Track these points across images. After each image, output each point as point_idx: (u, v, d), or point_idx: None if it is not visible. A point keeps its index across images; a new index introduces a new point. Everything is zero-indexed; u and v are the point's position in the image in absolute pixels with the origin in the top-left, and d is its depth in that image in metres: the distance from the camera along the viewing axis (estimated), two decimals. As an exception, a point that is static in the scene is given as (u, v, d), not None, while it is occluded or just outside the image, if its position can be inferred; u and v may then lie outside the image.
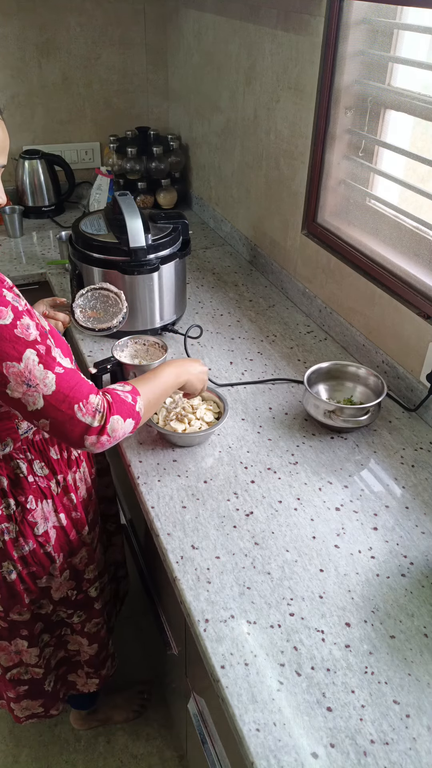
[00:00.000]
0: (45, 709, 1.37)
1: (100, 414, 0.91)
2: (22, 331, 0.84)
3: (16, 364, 0.84)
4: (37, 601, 1.17)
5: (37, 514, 1.07)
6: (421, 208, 1.29)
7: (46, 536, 1.09)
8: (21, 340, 0.84)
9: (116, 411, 0.93)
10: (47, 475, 1.07)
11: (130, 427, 0.96)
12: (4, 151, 0.91)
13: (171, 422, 1.18)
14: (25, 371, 0.84)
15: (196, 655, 0.94)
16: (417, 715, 0.77)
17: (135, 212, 1.43)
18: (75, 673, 1.38)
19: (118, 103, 2.38)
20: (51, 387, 0.87)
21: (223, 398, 1.23)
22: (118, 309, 1.31)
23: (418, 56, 1.23)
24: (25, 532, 1.06)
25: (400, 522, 1.04)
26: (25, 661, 1.23)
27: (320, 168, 1.52)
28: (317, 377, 1.31)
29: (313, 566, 0.96)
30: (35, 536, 1.08)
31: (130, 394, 0.97)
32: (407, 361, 1.32)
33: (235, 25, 1.75)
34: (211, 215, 2.22)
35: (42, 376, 0.86)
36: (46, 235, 2.17)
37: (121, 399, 0.95)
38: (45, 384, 0.86)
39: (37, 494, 1.06)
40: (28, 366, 0.84)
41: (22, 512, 1.05)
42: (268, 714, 0.77)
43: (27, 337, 0.85)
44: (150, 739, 1.65)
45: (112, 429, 0.92)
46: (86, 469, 1.17)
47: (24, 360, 0.84)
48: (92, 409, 0.90)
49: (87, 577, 1.21)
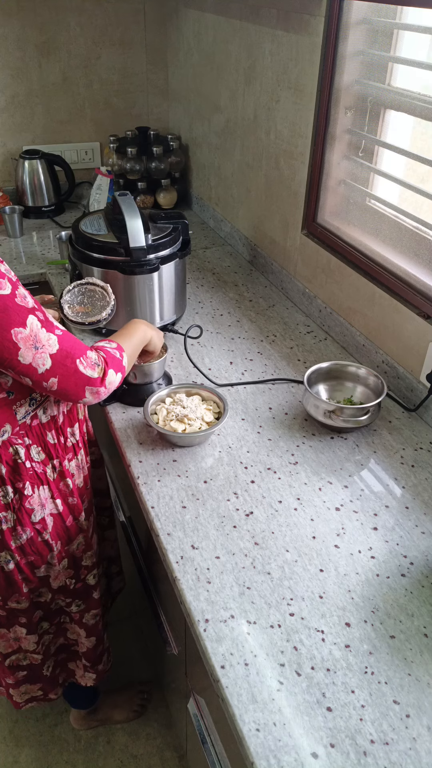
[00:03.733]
0: (44, 692, 1.38)
1: (99, 367, 1.01)
2: (22, 300, 0.90)
3: (22, 329, 0.89)
4: (36, 590, 1.18)
5: (34, 500, 1.08)
6: (421, 208, 1.29)
7: (43, 523, 1.10)
8: (22, 308, 0.90)
9: (111, 365, 1.04)
10: (43, 460, 1.09)
11: (119, 380, 1.06)
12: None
13: (171, 422, 1.18)
14: (31, 335, 0.91)
15: (196, 655, 0.94)
16: (417, 715, 0.77)
17: (135, 212, 1.43)
18: (74, 662, 1.39)
19: (118, 103, 2.38)
20: (55, 346, 0.94)
21: (223, 398, 1.23)
22: (106, 302, 1.32)
23: (418, 56, 1.23)
24: (22, 519, 1.07)
25: (400, 522, 1.04)
26: (24, 647, 1.25)
27: (320, 168, 1.52)
28: (317, 377, 1.31)
29: (313, 566, 0.96)
30: (32, 523, 1.09)
31: (117, 350, 1.07)
32: (407, 361, 1.32)
33: (235, 25, 1.75)
34: (211, 215, 2.22)
35: (46, 337, 0.93)
36: (46, 235, 2.17)
37: (112, 355, 1.06)
38: (50, 344, 0.94)
39: (34, 480, 1.08)
40: (32, 330, 0.91)
41: (19, 499, 1.06)
42: (268, 714, 0.77)
43: (26, 305, 0.91)
44: (150, 739, 1.65)
45: (109, 381, 1.03)
46: (83, 457, 1.18)
47: (28, 325, 0.90)
48: (92, 363, 1.00)
49: (85, 564, 1.22)
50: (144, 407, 1.21)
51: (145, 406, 1.21)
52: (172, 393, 1.26)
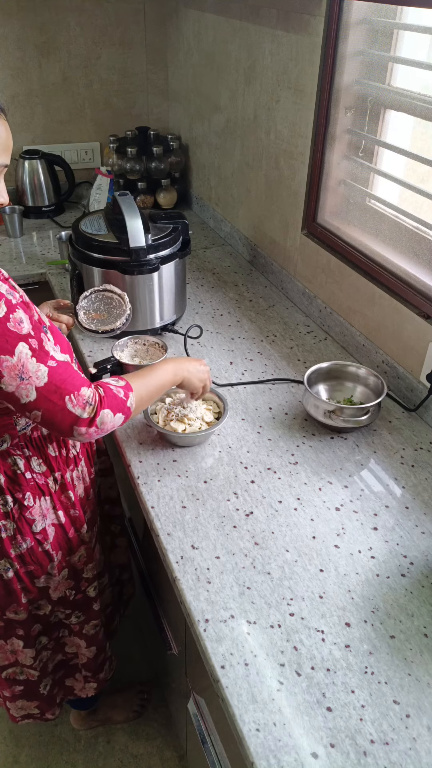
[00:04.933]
0: (41, 711, 1.36)
1: (91, 407, 0.93)
2: (15, 325, 0.85)
3: (9, 357, 0.85)
4: (35, 602, 1.17)
5: (35, 511, 1.07)
6: (421, 208, 1.29)
7: (45, 533, 1.09)
8: (13, 334, 0.85)
9: (107, 405, 0.95)
10: (45, 472, 1.07)
11: (120, 421, 0.98)
12: (7, 151, 0.91)
13: (171, 422, 1.18)
14: (18, 364, 0.86)
15: (196, 655, 0.94)
16: (417, 715, 0.77)
17: (135, 212, 1.43)
18: (73, 678, 1.38)
19: (118, 103, 2.38)
20: (43, 379, 0.89)
21: (223, 398, 1.23)
22: (122, 311, 1.31)
23: (418, 56, 1.23)
24: (22, 529, 1.06)
25: (400, 522, 1.04)
26: (21, 661, 1.23)
27: (320, 168, 1.52)
28: (317, 377, 1.31)
29: (313, 566, 0.96)
30: (33, 533, 1.08)
31: (122, 389, 0.99)
32: (407, 361, 1.32)
33: (235, 25, 1.75)
34: (211, 215, 2.22)
35: (35, 369, 0.88)
36: (46, 235, 2.17)
37: (113, 393, 0.97)
38: (37, 376, 0.88)
39: (35, 491, 1.07)
40: (20, 360, 0.86)
41: (19, 509, 1.05)
42: (268, 714, 0.77)
43: (19, 331, 0.86)
44: (150, 739, 1.65)
45: (102, 422, 0.95)
46: (85, 468, 1.16)
47: (17, 354, 0.86)
48: (83, 401, 0.92)
49: (86, 576, 1.21)
50: None
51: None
52: (172, 393, 1.25)
